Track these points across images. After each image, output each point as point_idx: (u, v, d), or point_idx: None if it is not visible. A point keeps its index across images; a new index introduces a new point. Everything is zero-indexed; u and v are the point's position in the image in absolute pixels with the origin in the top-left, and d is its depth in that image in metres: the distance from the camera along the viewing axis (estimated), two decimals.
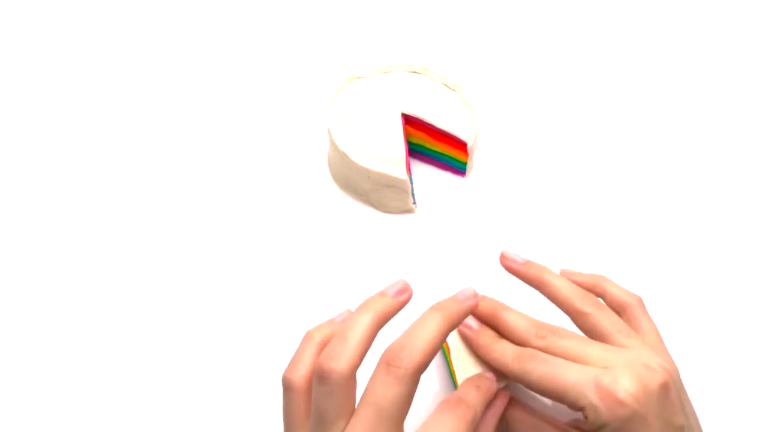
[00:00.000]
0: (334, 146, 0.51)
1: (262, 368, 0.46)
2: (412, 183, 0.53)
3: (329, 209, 0.54)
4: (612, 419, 0.32)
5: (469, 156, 0.53)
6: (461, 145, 0.52)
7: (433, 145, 0.54)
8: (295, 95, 0.61)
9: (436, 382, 0.45)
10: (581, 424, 0.35)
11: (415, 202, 0.53)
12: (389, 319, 0.34)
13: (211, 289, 0.50)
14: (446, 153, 0.54)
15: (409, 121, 0.53)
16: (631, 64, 0.63)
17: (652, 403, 0.32)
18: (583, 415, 0.33)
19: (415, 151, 0.56)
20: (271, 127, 0.59)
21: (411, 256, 0.51)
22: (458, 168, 0.55)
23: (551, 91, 0.61)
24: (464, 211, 0.53)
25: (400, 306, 0.34)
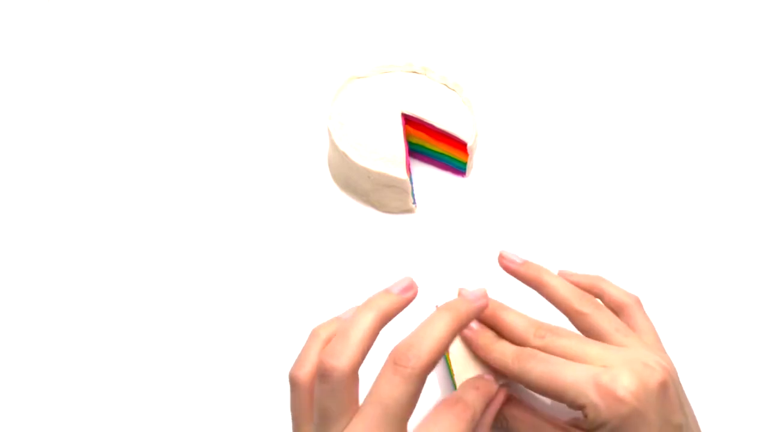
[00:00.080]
0: (334, 146, 0.51)
1: (261, 367, 0.46)
2: (412, 183, 0.53)
3: (329, 209, 0.54)
4: (611, 417, 0.32)
5: (469, 156, 0.53)
6: (461, 145, 0.52)
7: (433, 145, 0.54)
8: (295, 95, 0.61)
9: (436, 383, 0.45)
10: (581, 422, 0.35)
11: (415, 202, 0.53)
12: (393, 317, 0.33)
13: (211, 289, 0.50)
14: (446, 153, 0.54)
15: (409, 121, 0.53)
16: (631, 65, 0.64)
17: (651, 401, 0.32)
18: (583, 414, 0.33)
19: (415, 151, 0.56)
20: (271, 128, 0.59)
21: (411, 256, 0.51)
22: (458, 168, 0.55)
23: (551, 91, 0.61)
24: (464, 211, 0.54)
25: (405, 303, 0.34)
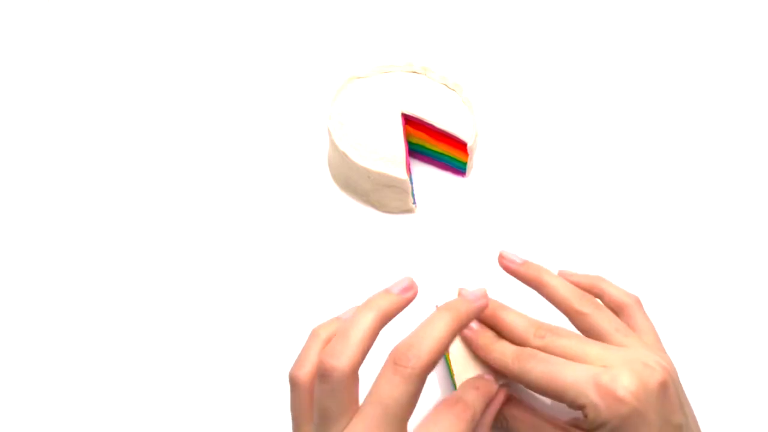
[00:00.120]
0: (334, 146, 0.51)
1: (261, 367, 0.46)
2: (412, 183, 0.53)
3: (329, 209, 0.54)
4: (612, 417, 0.32)
5: (469, 156, 0.53)
6: (461, 145, 0.52)
7: (433, 145, 0.54)
8: (295, 95, 0.61)
9: (436, 383, 0.45)
10: (581, 422, 0.35)
11: (415, 202, 0.53)
12: (393, 317, 0.33)
13: (212, 289, 0.50)
14: (446, 153, 0.54)
15: (409, 121, 0.53)
16: (631, 65, 0.64)
17: (651, 401, 0.32)
18: (583, 414, 0.33)
19: (415, 151, 0.56)
20: (272, 128, 0.59)
21: (411, 256, 0.51)
22: (458, 168, 0.55)
23: (551, 91, 0.61)
24: (464, 211, 0.54)
25: (405, 303, 0.34)
